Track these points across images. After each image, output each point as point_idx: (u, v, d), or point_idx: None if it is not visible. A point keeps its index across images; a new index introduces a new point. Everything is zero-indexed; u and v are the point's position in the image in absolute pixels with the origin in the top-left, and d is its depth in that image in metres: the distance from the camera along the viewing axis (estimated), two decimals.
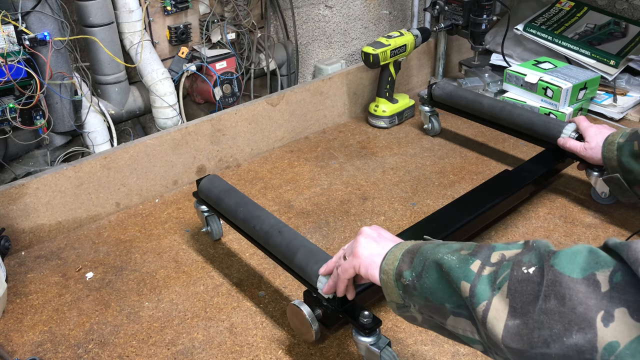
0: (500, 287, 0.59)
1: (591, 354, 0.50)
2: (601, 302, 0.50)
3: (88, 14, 1.42)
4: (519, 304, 0.56)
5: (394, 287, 0.73)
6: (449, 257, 0.66)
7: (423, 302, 0.69)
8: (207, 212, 1.26)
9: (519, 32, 2.03)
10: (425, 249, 0.70)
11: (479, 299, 0.60)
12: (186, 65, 1.64)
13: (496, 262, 0.62)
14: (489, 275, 0.61)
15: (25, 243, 1.32)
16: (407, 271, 0.71)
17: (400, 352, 1.01)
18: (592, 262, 0.53)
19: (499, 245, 0.65)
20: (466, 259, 0.64)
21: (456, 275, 0.63)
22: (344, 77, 1.84)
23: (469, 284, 0.61)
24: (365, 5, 2.08)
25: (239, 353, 1.02)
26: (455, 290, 0.64)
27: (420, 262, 0.69)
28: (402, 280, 0.71)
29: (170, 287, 1.18)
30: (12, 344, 1.05)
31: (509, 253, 0.62)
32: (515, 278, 0.58)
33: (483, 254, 0.64)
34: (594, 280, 0.52)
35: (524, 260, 0.59)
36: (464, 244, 0.69)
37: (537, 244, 0.61)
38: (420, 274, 0.68)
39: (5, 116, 1.30)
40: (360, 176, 1.56)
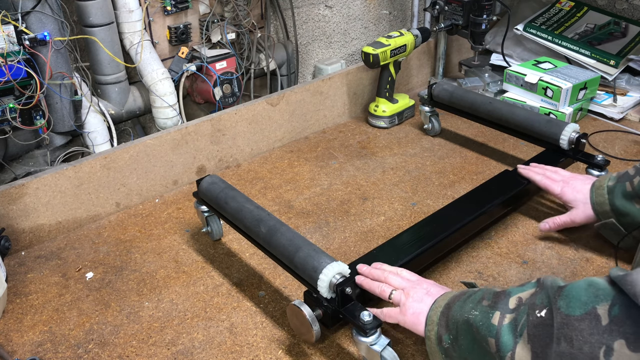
0: (522, 334, 0.62)
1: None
2: (602, 336, 0.54)
3: (88, 14, 1.42)
4: (539, 349, 0.60)
5: (437, 352, 0.78)
6: (474, 314, 0.70)
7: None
8: (207, 212, 1.26)
9: (519, 32, 2.03)
10: (456, 311, 0.75)
11: (504, 351, 0.64)
12: (186, 65, 1.64)
13: (514, 307, 0.66)
14: (509, 323, 0.65)
15: (25, 243, 1.32)
16: (446, 335, 0.75)
17: (400, 352, 1.01)
18: (592, 296, 0.57)
19: (515, 289, 0.69)
20: (487, 312, 0.68)
21: (483, 334, 0.67)
22: (344, 77, 1.84)
23: (494, 339, 0.65)
24: (365, 5, 2.08)
25: (239, 353, 1.02)
26: (486, 348, 0.67)
27: (454, 325, 0.74)
28: (443, 344, 0.75)
29: (170, 287, 1.18)
30: (12, 344, 1.05)
31: (524, 295, 0.67)
32: (532, 323, 0.62)
33: (501, 303, 0.68)
34: (595, 314, 0.55)
35: (537, 303, 0.63)
36: (485, 292, 0.74)
37: (546, 283, 0.64)
38: (457, 337, 0.73)
39: (5, 116, 1.30)
40: (360, 176, 1.56)
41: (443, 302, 0.79)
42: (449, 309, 0.76)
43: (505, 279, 1.16)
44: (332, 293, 0.91)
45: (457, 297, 0.78)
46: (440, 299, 0.81)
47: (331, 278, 0.91)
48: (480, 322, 0.68)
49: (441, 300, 0.80)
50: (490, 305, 0.69)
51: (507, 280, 1.16)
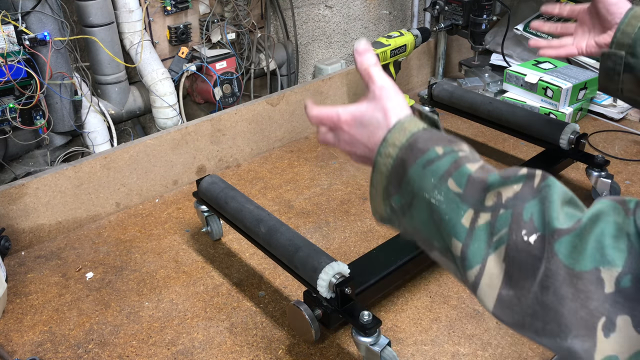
0: (497, 248, 0.51)
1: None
2: (603, 305, 0.45)
3: (88, 14, 1.42)
4: (516, 275, 0.50)
5: (382, 204, 0.63)
6: (436, 199, 0.55)
7: (410, 229, 0.61)
8: (207, 212, 1.26)
9: (519, 32, 2.03)
10: (413, 178, 0.58)
11: (472, 262, 0.52)
12: (186, 65, 1.64)
13: (492, 205, 0.52)
14: (484, 226, 0.52)
15: (25, 243, 1.32)
16: (397, 196, 0.60)
17: (400, 352, 1.01)
18: (598, 255, 0.46)
19: (495, 179, 0.53)
20: (456, 205, 0.54)
21: (447, 229, 0.54)
22: (344, 77, 1.84)
23: (460, 244, 0.53)
24: (365, 5, 2.08)
25: (239, 353, 1.02)
26: (445, 239, 0.55)
27: (409, 193, 0.58)
28: (391, 202, 0.61)
29: (170, 287, 1.18)
30: (12, 344, 1.05)
31: (506, 192, 0.52)
32: (515, 244, 0.50)
33: (476, 195, 0.54)
34: (598, 277, 0.46)
35: (524, 218, 0.50)
36: (453, 162, 0.56)
37: (544, 188, 0.52)
38: (410, 205, 0.59)
39: (5, 116, 1.30)
40: (360, 176, 1.56)
41: (393, 150, 0.60)
42: (403, 167, 0.59)
43: None
44: (331, 293, 0.91)
45: (411, 151, 0.59)
46: (390, 141, 0.61)
47: (331, 278, 0.91)
48: (445, 215, 0.54)
49: (391, 146, 0.61)
50: (461, 195, 0.54)
51: None
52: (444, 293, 1.14)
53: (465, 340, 1.03)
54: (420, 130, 0.60)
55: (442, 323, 1.07)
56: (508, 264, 0.50)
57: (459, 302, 1.12)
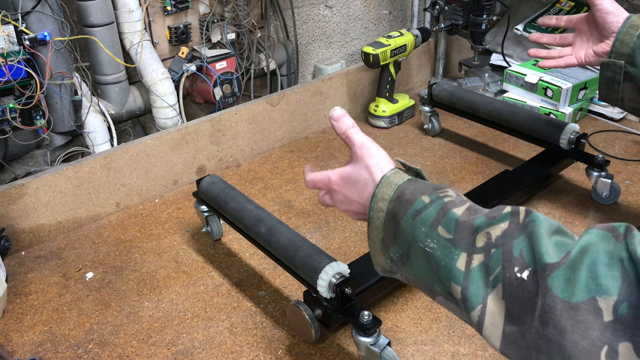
0: (495, 287, 0.53)
1: None
2: (604, 334, 0.45)
3: (88, 14, 1.42)
4: (516, 311, 0.51)
5: (382, 256, 0.66)
6: (430, 247, 0.58)
7: (412, 277, 0.63)
8: (207, 212, 1.26)
9: (519, 32, 2.03)
10: (406, 230, 0.61)
11: (473, 304, 0.54)
12: (186, 65, 1.64)
13: (483, 246, 0.54)
14: (479, 266, 0.54)
15: (25, 243, 1.32)
16: (394, 248, 0.63)
17: (400, 352, 1.01)
18: (593, 285, 0.47)
19: (482, 221, 0.56)
20: (449, 250, 0.56)
21: (445, 275, 0.57)
22: (344, 77, 1.84)
23: (459, 287, 0.55)
24: (365, 5, 2.08)
25: (239, 353, 1.02)
26: (446, 284, 0.57)
27: (405, 244, 0.61)
28: (390, 254, 0.64)
29: (170, 287, 1.18)
30: (12, 344, 1.05)
31: (494, 231, 0.54)
32: (509, 281, 0.51)
33: (466, 239, 0.56)
34: (595, 307, 0.46)
35: (514, 255, 0.52)
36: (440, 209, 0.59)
37: (530, 223, 0.53)
38: (408, 255, 0.61)
39: (5, 116, 1.30)
40: None
41: (383, 204, 0.64)
42: (395, 219, 0.62)
43: None
44: (331, 293, 0.91)
45: (400, 203, 0.62)
46: (378, 194, 0.65)
47: (331, 278, 0.91)
48: (441, 261, 0.56)
49: (380, 200, 0.64)
50: (453, 241, 0.56)
51: None
52: None
53: (465, 340, 1.03)
54: (405, 182, 0.65)
55: (442, 323, 1.07)
56: (507, 300, 0.52)
57: None
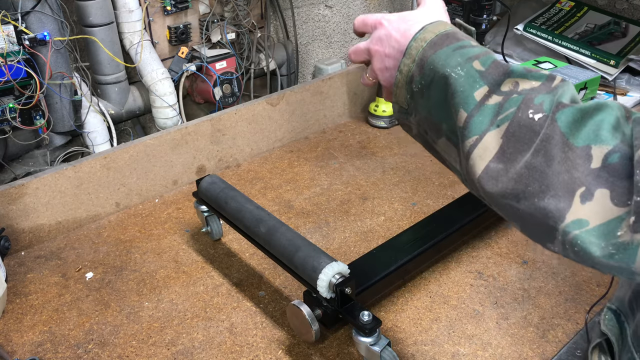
0: (500, 125, 0.54)
1: (556, 222, 0.49)
2: (587, 177, 0.48)
3: (88, 14, 1.42)
4: (511, 149, 0.52)
5: (404, 90, 0.65)
6: (457, 73, 0.58)
7: (425, 113, 0.63)
8: (207, 212, 1.26)
9: (519, 32, 2.03)
10: (439, 57, 0.61)
11: (471, 132, 0.55)
12: (186, 65, 1.64)
13: (507, 91, 0.55)
14: (493, 105, 0.55)
15: (25, 243, 1.32)
16: (418, 78, 0.63)
17: (400, 352, 1.01)
18: (592, 134, 0.49)
19: (517, 71, 0.56)
20: (474, 80, 0.57)
21: (457, 101, 0.57)
22: (344, 77, 1.84)
23: (466, 114, 0.56)
24: (365, 5, 2.08)
25: (239, 353, 1.02)
26: (453, 114, 0.58)
27: (430, 72, 0.61)
28: (412, 86, 0.64)
29: (170, 287, 1.18)
30: (12, 344, 1.05)
31: (524, 84, 0.55)
32: (518, 121, 0.53)
33: (495, 76, 0.57)
34: (588, 153, 0.49)
35: (535, 101, 0.53)
36: (482, 52, 0.60)
37: (561, 87, 0.54)
38: (429, 86, 0.61)
39: (5, 116, 1.30)
40: (360, 176, 1.56)
41: (430, 35, 0.63)
42: (433, 49, 0.62)
43: (505, 279, 1.16)
44: (331, 293, 0.91)
45: (447, 38, 0.62)
46: (429, 27, 0.64)
47: (331, 278, 0.91)
48: (461, 87, 0.57)
49: (429, 32, 0.64)
50: (482, 73, 0.57)
51: (507, 280, 1.16)
52: (444, 293, 1.14)
53: (465, 340, 1.03)
54: (458, 30, 0.65)
55: (442, 323, 1.07)
56: (506, 138, 0.53)
57: (459, 302, 1.12)
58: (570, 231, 0.48)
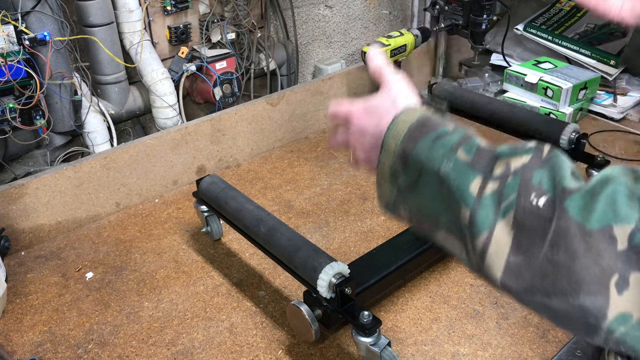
0: (505, 215, 0.51)
1: (597, 320, 0.45)
2: (616, 263, 0.44)
3: (88, 14, 1.42)
4: (525, 241, 0.49)
5: (388, 184, 0.63)
6: (445, 168, 0.56)
7: (416, 208, 0.61)
8: (207, 212, 1.26)
9: (519, 32, 2.03)
10: (421, 151, 0.59)
11: (480, 229, 0.52)
12: (186, 65, 1.64)
13: (500, 175, 0.53)
14: (492, 194, 0.52)
15: (25, 243, 1.32)
16: (403, 173, 0.60)
17: (400, 352, 1.01)
18: (610, 212, 0.46)
19: (504, 151, 0.54)
20: (465, 172, 0.55)
21: (455, 198, 0.55)
22: (344, 77, 1.84)
23: (469, 211, 0.53)
24: (365, 5, 2.08)
25: (239, 353, 1.02)
26: (454, 210, 0.56)
27: (415, 167, 0.59)
28: (398, 182, 0.61)
29: (170, 287, 1.18)
30: (12, 344, 1.05)
31: (515, 162, 0.53)
32: (523, 208, 0.50)
33: (484, 163, 0.54)
34: (610, 234, 0.45)
35: (533, 182, 0.50)
36: (463, 136, 0.58)
37: (553, 159, 0.52)
38: (417, 182, 0.59)
39: (5, 116, 1.30)
40: (360, 176, 1.56)
41: (403, 127, 0.61)
42: (412, 142, 0.59)
43: None
44: (331, 293, 0.91)
45: (423, 127, 0.60)
46: (400, 118, 0.62)
47: (331, 278, 0.91)
48: (454, 182, 0.55)
49: (401, 124, 0.61)
50: (470, 164, 0.55)
51: None
52: (444, 293, 1.14)
53: (465, 340, 1.03)
54: (430, 113, 0.62)
55: (442, 323, 1.07)
56: (517, 230, 0.50)
57: (459, 302, 1.12)
58: (615, 329, 0.45)
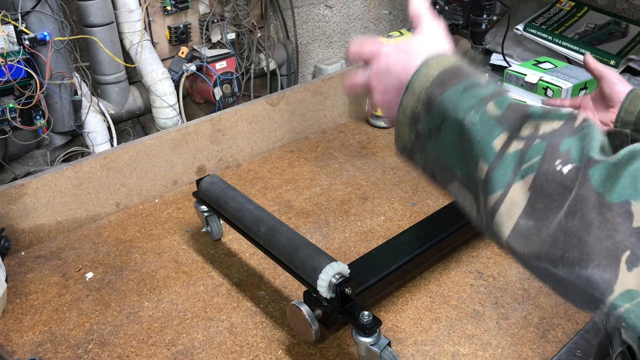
0: (524, 177, 0.49)
1: (602, 294, 0.45)
2: (629, 238, 0.44)
3: (88, 14, 1.42)
4: (540, 205, 0.48)
5: (407, 129, 0.61)
6: (471, 119, 0.54)
7: (433, 156, 0.59)
8: (207, 212, 1.26)
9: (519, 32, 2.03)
10: (448, 98, 0.56)
11: (494, 187, 0.51)
12: (186, 65, 1.64)
13: (527, 136, 0.51)
14: (515, 153, 0.51)
15: (25, 243, 1.32)
16: (426, 120, 0.58)
17: (400, 352, 1.01)
18: (631, 188, 0.45)
19: (537, 111, 0.53)
20: (491, 126, 0.53)
21: (475, 151, 0.53)
22: (344, 77, 1.84)
23: (487, 166, 0.52)
24: (365, 5, 2.08)
25: (239, 353, 1.02)
26: (471, 163, 0.54)
27: (440, 114, 0.57)
28: (418, 127, 0.59)
29: (170, 287, 1.18)
30: (12, 344, 1.05)
31: (545, 126, 0.51)
32: (545, 173, 0.48)
33: (514, 121, 0.53)
34: (628, 210, 0.44)
35: (561, 148, 0.49)
36: (496, 91, 0.56)
37: (586, 129, 0.50)
38: (438, 128, 0.57)
39: (5, 116, 1.30)
40: (360, 176, 1.56)
41: (434, 71, 0.58)
42: (441, 88, 0.57)
43: (505, 279, 1.16)
44: (331, 293, 0.91)
45: (454, 75, 0.58)
46: (432, 62, 0.59)
47: (331, 278, 0.91)
48: (477, 136, 0.53)
49: (432, 67, 0.58)
50: (498, 118, 0.53)
51: (507, 280, 1.16)
52: (444, 293, 1.14)
53: (465, 340, 1.03)
54: (464, 63, 0.60)
55: (442, 323, 1.07)
56: (533, 193, 0.49)
57: (459, 302, 1.12)
58: (620, 305, 0.45)
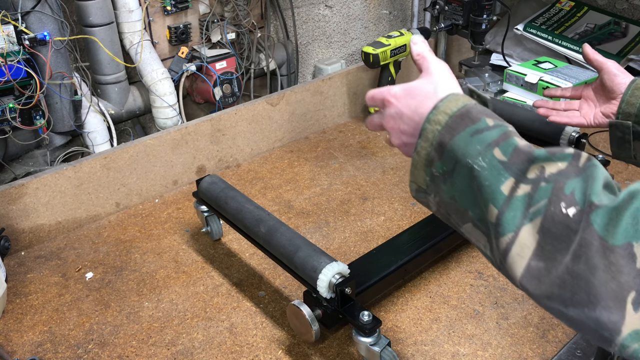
0: (533, 219, 0.52)
1: (611, 335, 0.47)
2: (634, 280, 0.46)
3: (88, 13, 1.42)
4: (549, 247, 0.50)
5: (422, 171, 0.63)
6: (480, 165, 0.56)
7: (448, 198, 0.62)
8: (207, 212, 1.26)
9: (519, 32, 2.03)
10: (458, 144, 0.59)
11: (505, 229, 0.53)
12: (186, 65, 1.64)
13: (534, 178, 0.53)
14: (523, 197, 0.53)
15: (25, 243, 1.32)
16: (439, 163, 0.61)
17: (400, 352, 1.01)
18: (632, 230, 0.47)
19: (541, 154, 0.54)
20: (498, 172, 0.55)
21: (485, 195, 0.55)
22: (344, 77, 1.84)
23: (497, 210, 0.54)
24: (365, 5, 2.08)
25: (239, 353, 1.02)
26: (482, 207, 0.57)
27: (451, 159, 0.59)
28: (432, 170, 0.62)
29: (170, 287, 1.18)
30: (12, 344, 1.05)
31: (550, 167, 0.53)
32: (552, 216, 0.50)
33: (519, 165, 0.55)
34: (630, 252, 0.46)
35: (565, 191, 0.51)
36: (501, 135, 0.58)
37: (589, 169, 0.52)
38: (452, 173, 0.60)
39: (5, 116, 1.30)
40: (360, 176, 1.56)
41: (444, 117, 0.61)
42: (450, 133, 0.60)
43: (505, 279, 1.16)
44: (331, 293, 0.91)
45: (462, 119, 0.60)
46: (441, 107, 0.62)
47: (330, 278, 0.91)
48: (486, 180, 0.55)
49: (442, 113, 0.61)
50: (505, 164, 0.55)
51: (507, 280, 1.16)
52: (444, 293, 1.14)
53: (465, 340, 1.03)
54: (473, 103, 0.62)
55: (442, 323, 1.07)
56: (542, 235, 0.51)
57: (459, 302, 1.12)
58: (629, 345, 0.46)
